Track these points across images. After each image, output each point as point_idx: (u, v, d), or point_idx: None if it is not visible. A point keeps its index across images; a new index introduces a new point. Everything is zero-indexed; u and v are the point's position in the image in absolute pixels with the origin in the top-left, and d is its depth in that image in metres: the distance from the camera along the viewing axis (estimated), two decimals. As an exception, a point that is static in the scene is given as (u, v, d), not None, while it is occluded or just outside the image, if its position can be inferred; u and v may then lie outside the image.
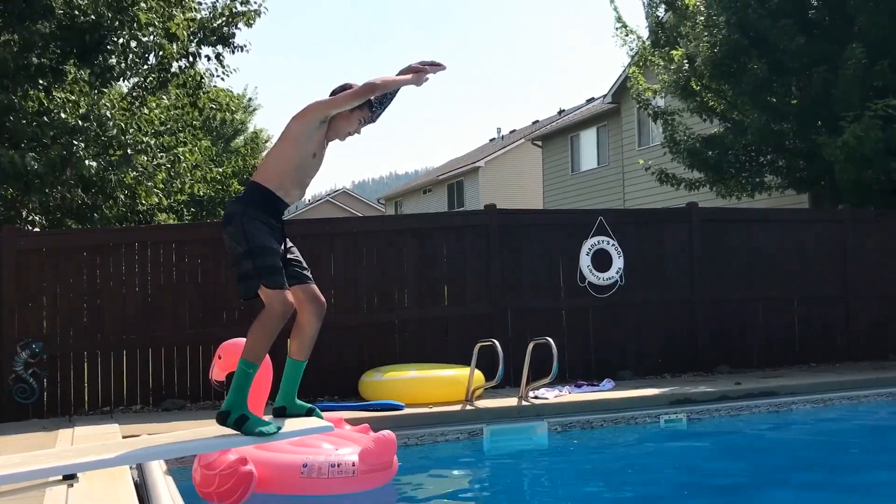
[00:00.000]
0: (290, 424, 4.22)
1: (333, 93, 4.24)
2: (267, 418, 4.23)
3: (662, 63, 13.28)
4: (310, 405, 4.39)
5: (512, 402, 7.73)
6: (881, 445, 7.01)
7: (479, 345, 7.88)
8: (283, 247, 4.19)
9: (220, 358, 5.06)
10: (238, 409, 3.99)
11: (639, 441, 7.27)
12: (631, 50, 14.63)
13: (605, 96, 22.62)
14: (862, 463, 6.38)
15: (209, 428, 4.46)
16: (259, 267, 4.02)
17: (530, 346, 7.91)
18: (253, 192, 4.15)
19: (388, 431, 5.07)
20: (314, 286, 4.28)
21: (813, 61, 10.91)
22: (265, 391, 4.87)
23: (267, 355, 4.52)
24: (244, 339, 4.42)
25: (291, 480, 4.75)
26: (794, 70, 11.23)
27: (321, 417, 4.34)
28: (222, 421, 4.02)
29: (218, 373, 5.12)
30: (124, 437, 5.96)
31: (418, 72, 4.22)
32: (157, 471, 4.65)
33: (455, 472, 6.32)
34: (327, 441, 5.17)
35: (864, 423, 7.90)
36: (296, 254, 4.28)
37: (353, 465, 4.83)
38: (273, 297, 4.02)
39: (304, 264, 4.29)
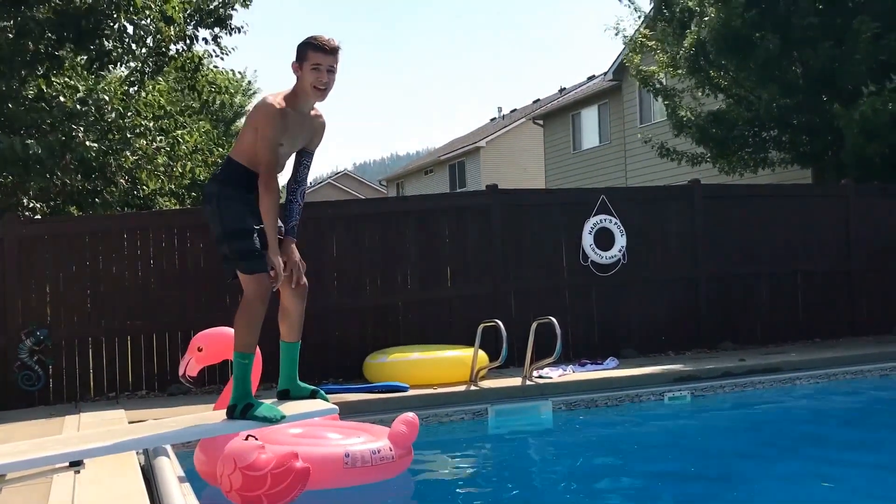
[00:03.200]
0: (295, 407, 4.22)
1: (298, 49, 4.05)
2: (270, 401, 4.22)
3: (662, 44, 13.16)
4: (313, 387, 4.40)
5: (516, 381, 7.75)
6: (885, 420, 7.01)
7: (482, 325, 7.88)
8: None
9: (200, 350, 4.83)
10: (243, 400, 4.00)
11: (643, 419, 7.29)
12: (626, 38, 14.56)
13: (606, 73, 22.50)
14: (865, 437, 6.39)
15: (215, 413, 4.48)
16: (235, 251, 3.99)
17: (533, 325, 7.91)
18: (228, 168, 4.10)
19: (411, 414, 5.03)
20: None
21: (821, 36, 10.81)
22: (256, 377, 4.67)
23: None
24: (223, 329, 4.41)
25: (336, 472, 4.58)
26: (799, 44, 11.14)
27: (326, 399, 4.34)
28: (231, 415, 4.03)
29: (193, 367, 4.83)
30: (130, 423, 5.98)
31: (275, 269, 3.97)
32: (164, 455, 4.66)
33: (460, 452, 6.34)
34: (332, 431, 5.05)
35: (867, 397, 7.91)
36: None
37: (391, 449, 4.76)
38: (249, 281, 4.00)
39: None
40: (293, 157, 4.28)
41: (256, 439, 4.39)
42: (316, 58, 3.98)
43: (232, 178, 4.04)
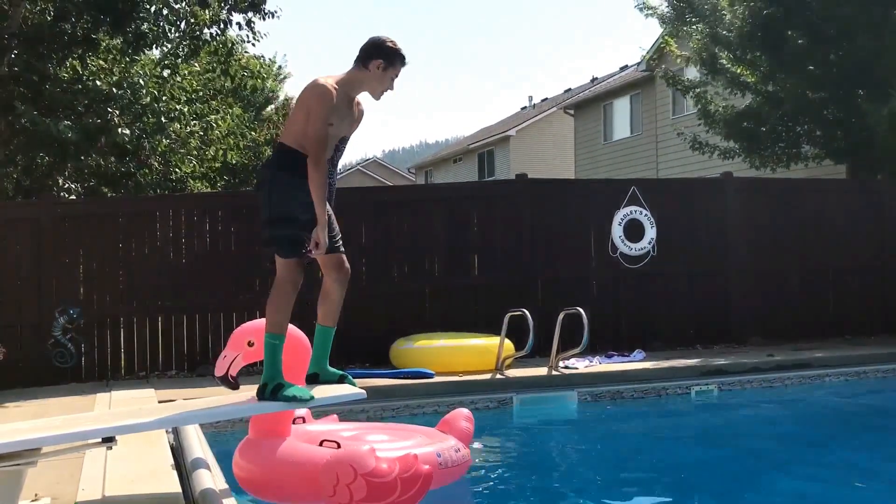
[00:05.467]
0: (323, 391, 4.24)
1: (363, 49, 4.13)
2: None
3: (690, 33, 13.08)
4: (342, 372, 4.41)
5: (542, 371, 7.75)
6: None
7: (508, 314, 7.88)
8: None
9: (251, 345, 4.23)
10: (273, 381, 4.02)
11: (669, 412, 7.27)
12: (663, 21, 14.40)
13: (639, 64, 22.28)
14: (893, 436, 6.31)
15: (243, 393, 4.52)
16: (274, 236, 4.05)
17: (560, 315, 7.89)
18: (280, 154, 4.13)
19: (466, 410, 4.96)
20: (341, 254, 4.27)
21: (856, 29, 10.63)
22: (304, 365, 4.50)
23: (301, 332, 4.50)
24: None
25: (434, 474, 4.20)
26: (832, 38, 10.96)
27: (354, 384, 4.36)
28: (261, 395, 4.06)
29: (238, 364, 4.21)
30: (160, 402, 6.07)
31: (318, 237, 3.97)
32: (193, 435, 4.73)
33: (485, 441, 6.35)
34: (385, 433, 4.75)
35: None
36: (330, 220, 4.24)
37: (465, 447, 4.66)
38: (283, 266, 4.07)
39: (337, 231, 4.27)
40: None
41: (339, 445, 4.17)
42: (398, 70, 4.19)
43: (286, 163, 4.09)
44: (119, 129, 10.56)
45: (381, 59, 4.11)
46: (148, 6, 10.99)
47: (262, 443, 4.23)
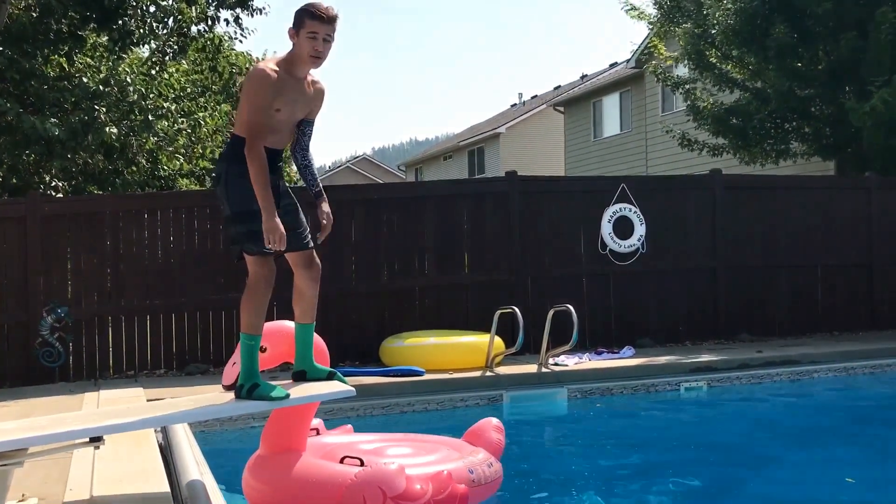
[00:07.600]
0: (312, 388, 4.22)
1: (295, 15, 3.95)
2: (285, 382, 4.20)
3: (678, 33, 13.11)
4: (330, 369, 4.37)
5: (532, 368, 7.76)
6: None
7: (499, 312, 7.89)
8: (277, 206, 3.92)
9: (263, 351, 4.08)
10: (250, 380, 3.97)
11: (659, 408, 7.28)
12: (651, 23, 14.43)
13: (628, 61, 22.32)
14: (881, 431, 6.35)
15: (231, 393, 4.50)
16: (239, 233, 3.93)
17: (550, 313, 7.90)
18: (233, 145, 3.99)
19: (496, 420, 4.65)
20: (310, 251, 4.13)
21: (841, 26, 10.68)
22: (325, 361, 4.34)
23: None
24: (285, 323, 4.34)
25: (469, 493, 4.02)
26: (820, 35, 11.00)
27: (344, 381, 4.32)
28: (238, 395, 4.02)
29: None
30: (148, 401, 6.04)
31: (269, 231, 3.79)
32: (181, 434, 4.71)
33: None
34: (403, 446, 4.47)
35: (885, 391, 7.85)
36: (296, 213, 4.11)
37: (497, 461, 4.38)
38: (253, 263, 3.95)
39: (304, 226, 4.12)
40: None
41: (362, 462, 3.89)
42: (313, 26, 3.90)
43: (238, 155, 3.98)
44: (106, 127, 10.50)
45: (291, 27, 3.96)
46: (134, 3, 10.93)
47: (276, 459, 3.97)
